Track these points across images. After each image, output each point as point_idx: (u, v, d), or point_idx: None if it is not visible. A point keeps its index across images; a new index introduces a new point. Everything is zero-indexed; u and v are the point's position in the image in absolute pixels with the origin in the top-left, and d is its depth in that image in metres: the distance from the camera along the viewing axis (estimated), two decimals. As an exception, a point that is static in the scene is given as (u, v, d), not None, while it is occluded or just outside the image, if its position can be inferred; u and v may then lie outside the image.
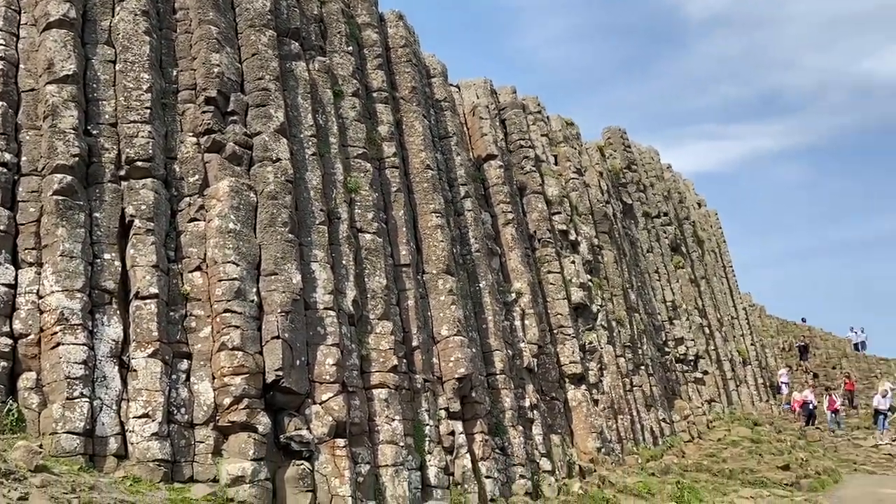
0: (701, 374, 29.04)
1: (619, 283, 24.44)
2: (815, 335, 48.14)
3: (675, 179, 36.35)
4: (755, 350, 36.89)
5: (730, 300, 36.90)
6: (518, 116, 22.74)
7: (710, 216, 40.48)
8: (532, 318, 18.96)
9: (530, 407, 17.45)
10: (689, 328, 29.73)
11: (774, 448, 23.73)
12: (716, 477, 20.26)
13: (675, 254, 31.76)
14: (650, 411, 23.41)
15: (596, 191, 25.71)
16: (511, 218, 19.87)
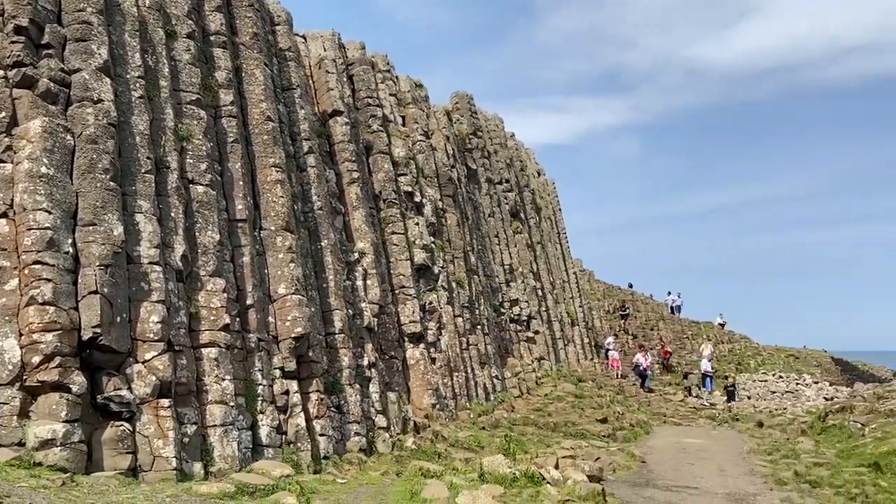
0: (533, 334, 30.53)
1: (460, 245, 25.01)
2: (636, 299, 51.96)
3: (518, 148, 37.52)
4: (583, 312, 39.26)
5: (562, 265, 38.91)
6: (366, 73, 22.40)
7: (548, 185, 42.24)
8: (374, 278, 18.99)
9: (369, 365, 17.56)
10: (524, 290, 31.07)
11: (595, 403, 25.50)
12: (541, 430, 21.44)
13: (515, 219, 32.93)
14: (484, 369, 24.34)
15: (442, 154, 25.99)
16: (356, 177, 19.66)
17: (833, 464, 18.54)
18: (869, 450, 18.94)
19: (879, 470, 16.99)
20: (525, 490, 12.63)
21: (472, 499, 11.36)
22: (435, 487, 11.98)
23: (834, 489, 15.75)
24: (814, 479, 16.55)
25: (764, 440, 22.91)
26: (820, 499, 14.74)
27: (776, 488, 15.69)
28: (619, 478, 16.17)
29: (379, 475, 13.96)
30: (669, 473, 17.14)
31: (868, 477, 16.64)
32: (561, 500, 12.36)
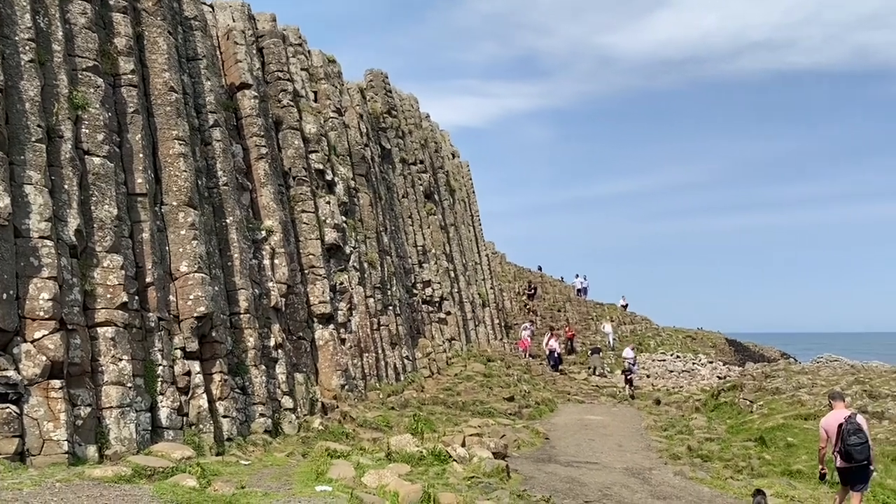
0: (444, 315, 30.76)
1: (373, 225, 24.84)
2: (546, 281, 53.14)
3: (433, 129, 37.50)
4: (494, 293, 39.87)
5: (475, 247, 39.32)
6: (277, 46, 21.81)
7: (462, 167, 42.47)
8: (282, 258, 18.62)
9: (275, 346, 17.26)
10: (437, 272, 31.22)
11: (503, 382, 25.99)
12: (450, 409, 21.70)
13: (429, 201, 32.97)
14: (395, 349, 24.37)
15: (355, 132, 25.67)
16: (264, 152, 19.17)
17: (723, 439, 19.60)
18: (756, 425, 20.13)
19: (764, 444, 18.08)
20: (432, 468, 12.76)
21: (378, 478, 11.38)
22: (341, 467, 11.93)
23: (723, 462, 16.66)
24: (705, 454, 17.44)
25: (661, 417, 23.98)
26: (710, 472, 15.54)
27: (670, 462, 16.45)
28: (523, 454, 16.57)
29: (284, 456, 13.79)
30: (571, 449, 17.70)
31: (754, 450, 17.68)
32: (466, 476, 12.56)
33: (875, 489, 13.56)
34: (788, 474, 15.17)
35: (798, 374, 25.18)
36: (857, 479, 10.73)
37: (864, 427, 10.65)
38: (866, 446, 10.47)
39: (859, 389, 21.56)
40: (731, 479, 14.71)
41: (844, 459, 10.64)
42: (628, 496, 12.80)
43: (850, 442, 10.46)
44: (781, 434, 18.20)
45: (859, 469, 10.63)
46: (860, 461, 10.52)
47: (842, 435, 10.56)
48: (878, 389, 21.40)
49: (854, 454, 10.47)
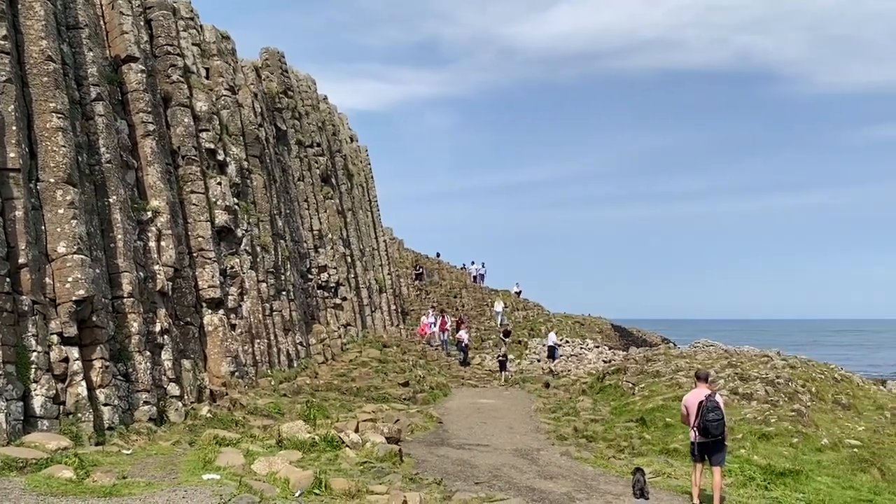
0: (340, 300, 30.52)
1: (267, 208, 24.26)
2: (442, 268, 53.63)
3: (331, 112, 36.96)
4: (391, 279, 39.88)
5: (373, 232, 39.16)
6: (167, 19, 20.82)
7: (360, 151, 42.12)
8: (170, 240, 17.90)
9: (161, 332, 16.61)
10: (333, 256, 30.90)
11: (398, 367, 26.10)
12: (344, 395, 21.61)
13: (325, 184, 32.52)
14: (288, 335, 23.97)
15: (249, 112, 24.93)
16: (152, 129, 18.32)
17: (607, 420, 20.47)
18: (637, 406, 21.13)
19: (645, 424, 19.02)
20: (324, 454, 12.69)
21: (268, 465, 11.20)
22: (230, 455, 11.67)
23: (607, 442, 17.41)
24: (590, 434, 18.18)
25: (550, 400, 24.78)
26: (594, 452, 16.21)
27: (557, 443, 17.04)
28: (416, 438, 16.73)
29: (170, 445, 13.34)
30: (463, 432, 18.02)
31: (635, 431, 18.57)
32: (359, 462, 12.56)
33: (742, 465, 14.56)
34: (666, 452, 16.02)
35: (677, 359, 26.59)
36: (713, 453, 11.48)
37: (721, 405, 11.39)
38: (721, 423, 11.22)
39: (731, 372, 23.00)
40: (614, 459, 15.40)
41: (702, 434, 11.39)
42: (517, 476, 13.17)
43: (708, 418, 11.21)
44: (660, 415, 19.18)
45: (715, 444, 11.39)
46: (716, 436, 11.28)
47: (701, 412, 11.29)
48: (748, 372, 22.89)
49: (711, 429, 11.23)
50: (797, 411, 19.08)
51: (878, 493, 14.01)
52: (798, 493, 13.28)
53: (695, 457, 11.83)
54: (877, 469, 15.47)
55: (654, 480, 13.35)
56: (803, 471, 14.59)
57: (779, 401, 20.08)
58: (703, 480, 11.76)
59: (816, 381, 22.96)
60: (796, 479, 14.09)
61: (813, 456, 16.10)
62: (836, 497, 13.38)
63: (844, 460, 15.87)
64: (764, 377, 21.99)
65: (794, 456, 15.82)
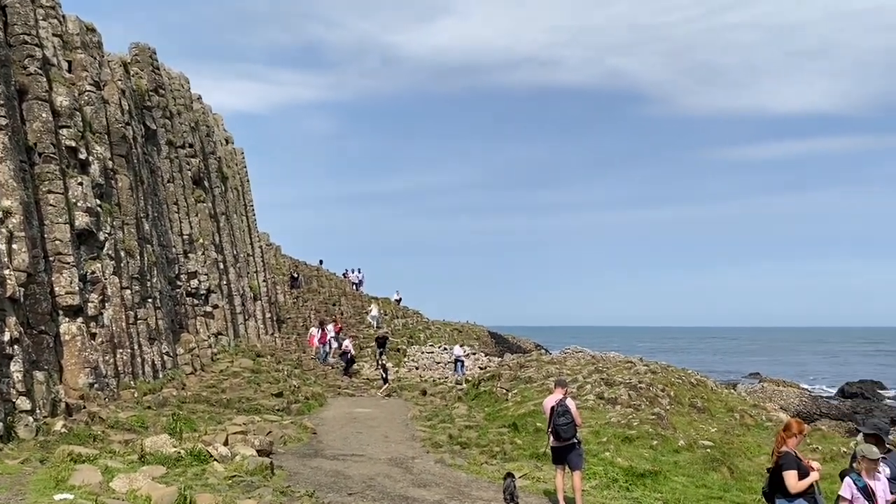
0: (211, 308, 29.42)
1: (132, 211, 23.04)
2: (321, 275, 52.91)
3: (205, 112, 35.65)
4: (266, 286, 38.88)
5: (247, 238, 38.05)
6: (24, 6, 19.39)
7: (236, 154, 40.87)
8: (22, 242, 16.64)
9: (11, 341, 15.37)
10: (204, 263, 29.77)
11: (272, 377, 25.47)
12: (213, 407, 20.83)
13: (198, 187, 31.30)
14: (153, 345, 22.84)
15: (116, 109, 23.61)
16: (4, 124, 16.97)
17: (481, 426, 20.85)
18: (510, 412, 21.66)
19: (517, 429, 19.51)
20: (190, 469, 12.19)
21: (129, 482, 10.63)
22: (86, 473, 10.97)
23: (480, 448, 17.72)
24: (464, 441, 18.44)
25: (426, 407, 24.95)
26: (468, 458, 16.46)
27: (432, 451, 17.18)
28: (289, 450, 16.37)
29: (18, 464, 12.38)
30: (338, 443, 17.82)
31: (508, 436, 19.02)
32: (227, 476, 12.14)
33: (606, 467, 15.24)
34: (536, 457, 16.50)
35: (548, 364, 27.51)
36: (566, 456, 11.99)
37: (572, 409, 11.92)
38: (571, 426, 11.77)
39: (598, 378, 24.05)
40: (486, 464, 15.70)
41: (555, 438, 11.91)
42: (391, 485, 13.16)
43: (559, 423, 11.75)
44: (532, 420, 19.75)
45: (567, 447, 11.92)
46: (566, 439, 11.82)
47: (553, 416, 11.82)
48: (614, 378, 24.03)
49: (561, 433, 11.78)
50: (657, 415, 20.19)
51: (728, 490, 15.07)
52: (657, 492, 14.06)
53: (555, 461, 12.30)
54: (726, 468, 16.63)
55: (525, 485, 13.74)
56: (662, 471, 15.46)
57: (641, 405, 21.18)
58: (567, 484, 12.21)
59: (675, 385, 24.39)
60: (655, 479, 14.91)
61: (671, 457, 17.08)
62: (690, 495, 14.26)
63: (698, 460, 16.94)
64: (628, 382, 23.14)
65: (653, 457, 16.73)
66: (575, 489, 11.92)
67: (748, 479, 15.98)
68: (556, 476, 12.32)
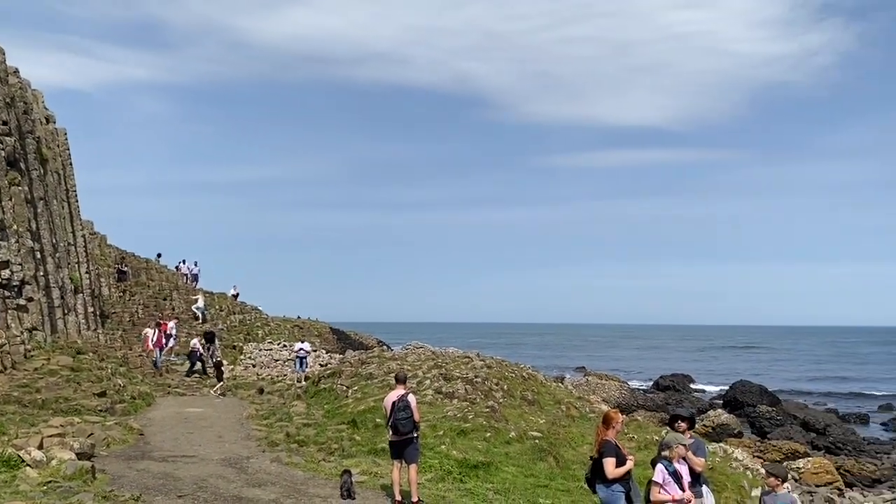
0: (25, 301, 26.98)
1: (-68, 192, 20.66)
2: (151, 267, 50.08)
3: (23, 87, 32.59)
4: (90, 278, 36.24)
5: (69, 226, 35.26)
6: None
7: (58, 134, 37.73)
8: None
9: None
10: (18, 251, 27.25)
11: (94, 376, 23.80)
12: (27, 408, 19.18)
13: (12, 169, 28.56)
14: (-44, 341, 20.63)
15: (-87, 77, 21.05)
16: None
17: (320, 423, 20.71)
18: (350, 409, 21.68)
19: (356, 426, 19.58)
20: (-3, 476, 11.20)
21: (-79, 494, 9.59)
22: None
23: (318, 446, 17.62)
24: (302, 439, 18.25)
25: (263, 406, 24.39)
26: (305, 456, 16.32)
27: (268, 450, 16.86)
28: (113, 452, 15.44)
29: None
30: (168, 444, 17.03)
31: (346, 433, 19.04)
32: (42, 482, 11.30)
33: (442, 460, 15.68)
34: (374, 453, 16.65)
35: (389, 360, 27.76)
36: (404, 450, 12.30)
37: (412, 405, 12.23)
38: (409, 421, 12.09)
39: (437, 373, 24.61)
40: (324, 462, 15.64)
41: (394, 432, 12.19)
42: (224, 486, 12.78)
43: (398, 417, 12.05)
44: (372, 416, 19.87)
45: (405, 441, 12.23)
46: (404, 434, 12.13)
47: (393, 411, 12.10)
48: (452, 372, 24.68)
49: (400, 427, 12.08)
50: (491, 408, 21.00)
51: (553, 479, 15.99)
52: (488, 483, 14.66)
53: (393, 455, 12.53)
54: (552, 457, 17.63)
55: (363, 480, 13.84)
56: (493, 462, 16.13)
57: (476, 398, 21.94)
58: (403, 477, 12.46)
59: (508, 379, 25.47)
60: (487, 470, 15.54)
61: (502, 448, 17.84)
62: (519, 484, 14.99)
63: (527, 451, 17.82)
64: (465, 377, 23.87)
65: (486, 449, 17.40)
66: (411, 482, 12.19)
67: (572, 468, 17.03)
68: (394, 470, 12.52)
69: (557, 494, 14.58)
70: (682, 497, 9.11)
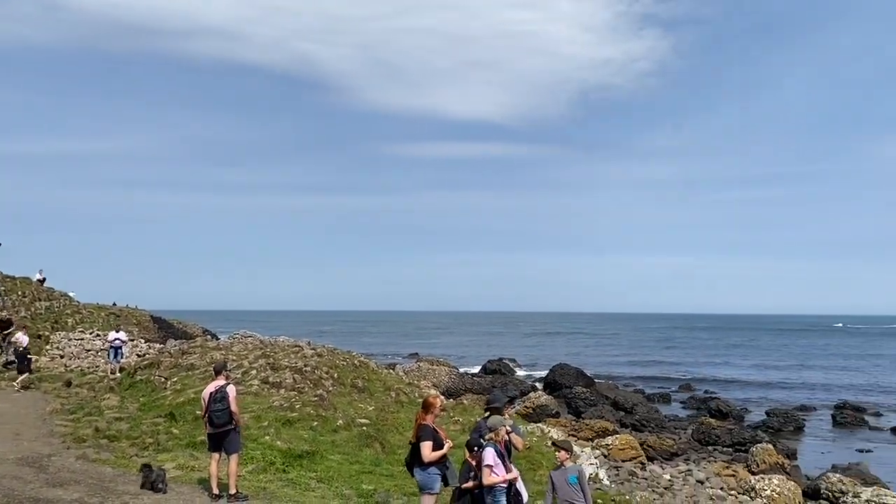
0: None
1: None
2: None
3: None
4: None
5: None
6: None
7: None
8: None
9: None
10: None
11: None
12: None
13: None
14: None
15: None
16: None
17: (134, 417, 19.55)
18: (168, 401, 20.63)
19: (174, 419, 18.68)
20: None
21: None
22: None
23: (130, 441, 16.63)
24: (113, 434, 17.15)
25: (70, 399, 22.64)
26: (116, 452, 15.36)
27: (74, 446, 15.68)
28: None
29: None
30: (-50, 445, 15.35)
31: (163, 426, 18.11)
32: None
33: (265, 451, 15.35)
34: (192, 446, 15.97)
35: (213, 350, 26.68)
36: (223, 442, 11.95)
37: (230, 396, 11.87)
38: (226, 412, 11.75)
39: (264, 363, 23.99)
40: (136, 457, 14.77)
41: (210, 425, 11.82)
42: (20, 487, 11.74)
43: (214, 409, 11.69)
44: (191, 408, 19.02)
45: (223, 433, 11.89)
46: (220, 426, 11.79)
47: (210, 403, 11.72)
48: (280, 362, 24.17)
49: (214, 419, 11.73)
50: (320, 396, 20.82)
51: (378, 464, 16.15)
52: (312, 472, 14.55)
53: (211, 448, 12.11)
54: (379, 443, 17.80)
55: (178, 475, 13.25)
56: (319, 451, 16.02)
57: (305, 388, 21.66)
58: (222, 470, 12.07)
59: (339, 367, 25.36)
60: (312, 459, 15.41)
61: (329, 437, 17.76)
62: (343, 472, 15.00)
63: (354, 438, 17.87)
64: (293, 366, 23.47)
65: (313, 438, 17.24)
66: (230, 474, 11.83)
67: (397, 453, 17.28)
68: (212, 463, 12.10)
69: (381, 479, 14.75)
70: (512, 477, 9.47)
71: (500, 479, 9.32)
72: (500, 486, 9.33)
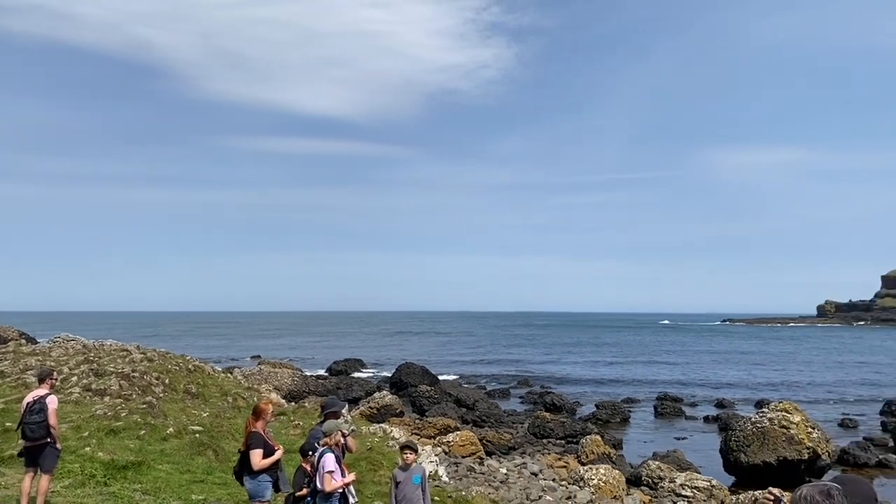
0: None
1: None
2: None
3: None
4: None
5: None
6: None
7: None
8: None
9: None
10: None
11: None
12: None
13: None
14: None
15: None
16: None
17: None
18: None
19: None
20: None
21: None
22: None
23: (-76, 459, 14.92)
24: None
25: None
26: None
27: None
28: None
29: None
30: None
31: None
32: None
33: (84, 464, 14.31)
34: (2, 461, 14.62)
35: (28, 356, 24.56)
36: (38, 458, 11.09)
37: (49, 407, 11.03)
38: (41, 425, 10.93)
39: (87, 368, 22.40)
40: (-72, 477, 13.30)
41: (23, 437, 10.95)
42: None
43: (28, 420, 10.84)
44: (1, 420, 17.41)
45: (39, 447, 11.04)
46: (35, 439, 10.95)
47: (25, 414, 10.86)
48: (106, 367, 22.65)
49: (28, 432, 10.88)
50: (149, 403, 19.73)
51: (211, 473, 15.53)
52: (137, 483, 13.74)
53: (27, 463, 11.16)
54: (212, 451, 17.13)
55: (-21, 495, 12.05)
56: (146, 461, 15.16)
57: (132, 394, 20.44)
58: (35, 487, 11.15)
59: (171, 372, 24.17)
60: (138, 470, 14.55)
61: (158, 445, 16.87)
62: (173, 482, 14.29)
63: (186, 446, 17.08)
64: (120, 371, 22.09)
65: (139, 448, 16.30)
66: (40, 492, 10.94)
67: (232, 460, 16.67)
68: (25, 479, 11.13)
69: (213, 488, 14.21)
70: (350, 481, 9.41)
71: (341, 483, 9.29)
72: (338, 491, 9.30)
